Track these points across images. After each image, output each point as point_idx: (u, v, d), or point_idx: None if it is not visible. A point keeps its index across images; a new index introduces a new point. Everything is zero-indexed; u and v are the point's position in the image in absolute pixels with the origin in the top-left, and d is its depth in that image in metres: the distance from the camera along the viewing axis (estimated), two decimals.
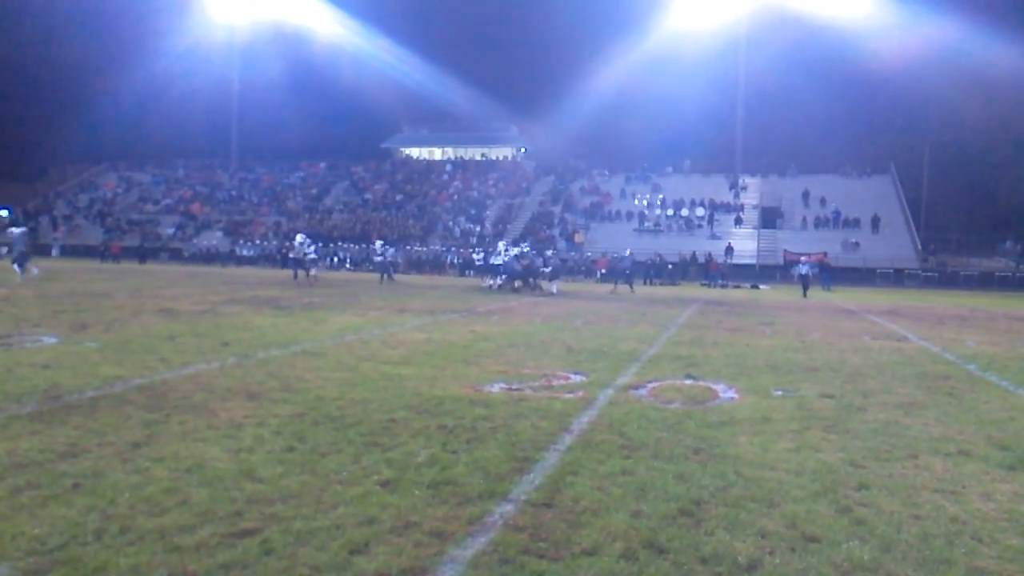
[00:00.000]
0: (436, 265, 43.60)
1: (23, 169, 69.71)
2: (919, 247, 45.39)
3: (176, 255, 50.21)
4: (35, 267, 24.11)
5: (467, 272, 32.17)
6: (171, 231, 54.71)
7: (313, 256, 28.98)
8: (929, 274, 42.28)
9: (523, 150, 67.27)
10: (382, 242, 34.52)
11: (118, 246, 47.06)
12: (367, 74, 66.57)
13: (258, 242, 50.61)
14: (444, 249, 45.85)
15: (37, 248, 46.22)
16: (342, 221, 53.31)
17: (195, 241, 52.75)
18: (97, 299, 16.87)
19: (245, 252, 49.19)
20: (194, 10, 60.33)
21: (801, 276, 30.85)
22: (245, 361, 8.85)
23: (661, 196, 52.80)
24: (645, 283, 34.64)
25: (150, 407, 6.32)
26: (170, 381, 7.49)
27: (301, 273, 27.99)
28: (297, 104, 68.00)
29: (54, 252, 48.18)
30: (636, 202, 52.83)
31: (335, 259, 45.45)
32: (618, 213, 51.33)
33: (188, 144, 68.55)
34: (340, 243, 48.22)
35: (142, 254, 45.49)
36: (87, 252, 48.01)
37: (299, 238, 29.49)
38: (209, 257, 49.08)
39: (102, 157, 68.95)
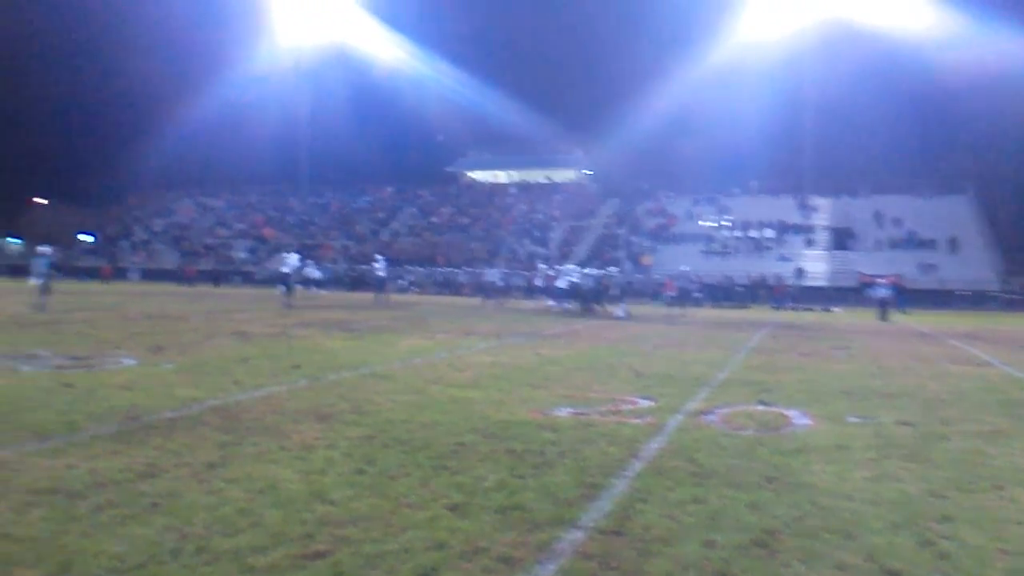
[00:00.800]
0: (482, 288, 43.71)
1: (103, 196, 72.54)
2: (999, 268, 43.83)
3: (248, 278, 51.42)
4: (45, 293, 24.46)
5: (533, 295, 32.21)
6: (244, 255, 56.11)
7: (383, 276, 29.70)
8: (1011, 296, 40.75)
9: (587, 172, 67.29)
10: (383, 258, 34.68)
11: (194, 269, 48.47)
12: (432, 99, 67.61)
13: (328, 265, 51.55)
14: (507, 272, 45.99)
15: (117, 271, 47.81)
16: (409, 244, 54.00)
17: (267, 264, 54.00)
18: (174, 322, 17.36)
19: (316, 275, 50.12)
20: (262, 38, 62.17)
21: (879, 299, 30.04)
22: (316, 383, 8.99)
23: (729, 217, 52.17)
24: (713, 306, 34.17)
25: (224, 428, 6.46)
26: (243, 403, 7.64)
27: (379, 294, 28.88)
28: (364, 129, 69.42)
29: (133, 276, 49.83)
30: (703, 223, 52.31)
31: (403, 282, 45.95)
32: (685, 235, 50.88)
33: (260, 170, 70.43)
34: (407, 266, 48.78)
35: (216, 277, 46.77)
36: (164, 276, 49.53)
37: (377, 260, 30.49)
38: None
39: (178, 184, 71.29)
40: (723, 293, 37.59)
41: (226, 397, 7.92)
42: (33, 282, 21.34)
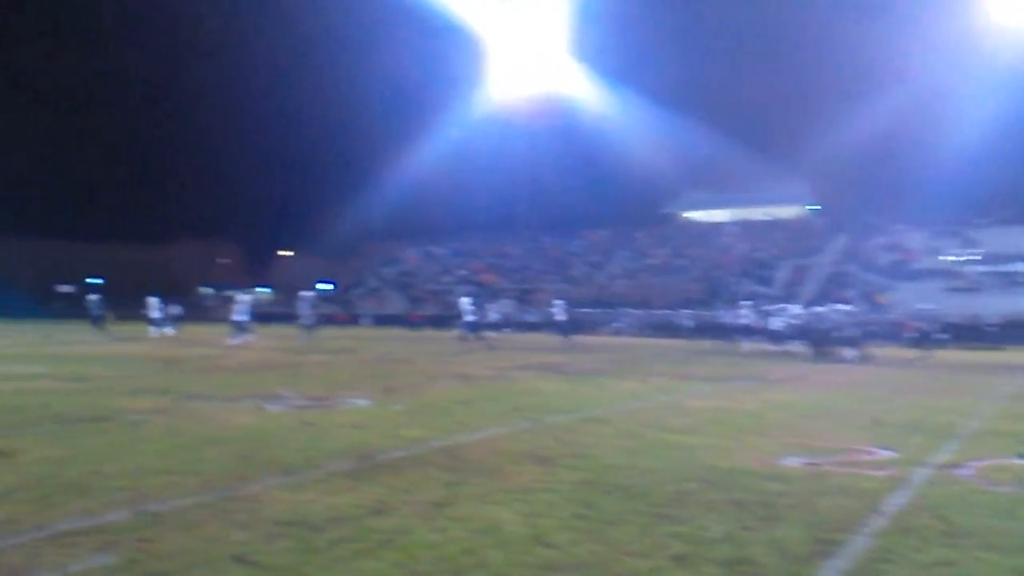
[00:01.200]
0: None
1: (340, 247, 78.45)
2: None
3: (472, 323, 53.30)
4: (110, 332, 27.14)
5: (752, 337, 30.92)
6: (509, 302, 58.41)
7: (563, 318, 29.91)
8: None
9: (812, 207, 64.33)
10: (562, 302, 34.44)
11: (420, 315, 51.03)
12: (645, 142, 67.56)
13: (546, 309, 52.49)
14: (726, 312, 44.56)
15: (351, 317, 51.20)
16: (624, 287, 53.90)
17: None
18: (402, 364, 18.28)
19: (532, 319, 51.20)
20: (477, 92, 65.15)
21: None
22: (534, 426, 9.07)
23: (976, 251, 47.78)
24: (960, 347, 31.26)
25: (449, 468, 6.64)
26: (466, 444, 7.84)
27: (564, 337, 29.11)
28: (578, 175, 70.59)
29: (366, 320, 53.24)
30: (945, 258, 48.23)
31: (618, 324, 45.83)
32: (924, 271, 47.14)
33: (480, 218, 73.40)
34: (622, 309, 48.65)
35: (441, 322, 48.91)
36: (393, 320, 52.51)
37: (556, 304, 30.80)
38: (498, 325, 51.64)
39: (406, 234, 75.77)
40: (971, 333, 34.33)
41: (450, 438, 8.17)
42: (301, 323, 23.91)
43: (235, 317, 24.62)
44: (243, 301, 25.57)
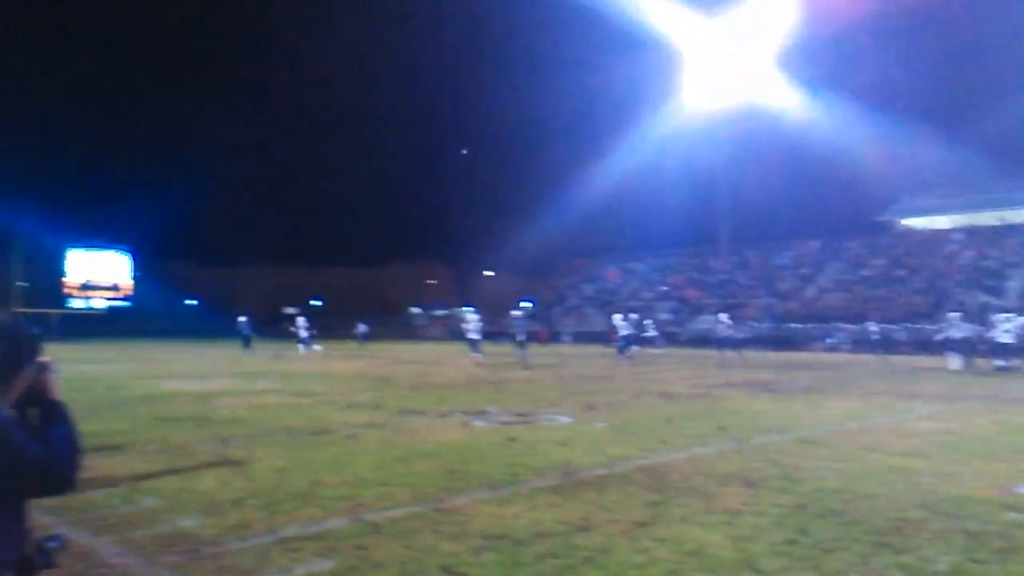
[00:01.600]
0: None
1: (540, 266, 79.92)
2: None
3: (672, 339, 52.57)
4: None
5: (970, 351, 27.98)
6: (667, 316, 57.59)
7: (729, 334, 28.95)
8: None
9: None
10: (727, 315, 32.80)
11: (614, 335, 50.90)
12: (856, 148, 63.88)
13: (752, 324, 50.78)
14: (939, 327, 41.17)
15: (553, 335, 51.89)
16: (837, 300, 51.12)
17: (689, 325, 54.76)
18: (602, 382, 18.29)
19: (738, 335, 49.67)
20: (674, 102, 64.11)
21: None
22: (741, 446, 8.77)
23: None
24: None
25: (652, 487, 6.55)
26: (669, 463, 7.71)
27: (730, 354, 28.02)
28: (784, 184, 67.93)
29: (566, 339, 53.78)
30: None
31: (831, 340, 43.52)
32: None
33: (680, 232, 72.29)
34: (835, 323, 46.15)
35: (644, 339, 48.60)
36: (594, 338, 52.67)
37: (721, 316, 29.96)
38: (703, 341, 50.52)
39: (603, 251, 75.92)
40: None
41: (653, 456, 8.06)
42: (515, 340, 24.98)
43: (470, 336, 25.94)
44: (473, 320, 26.80)
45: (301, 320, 34.40)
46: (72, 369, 20.82)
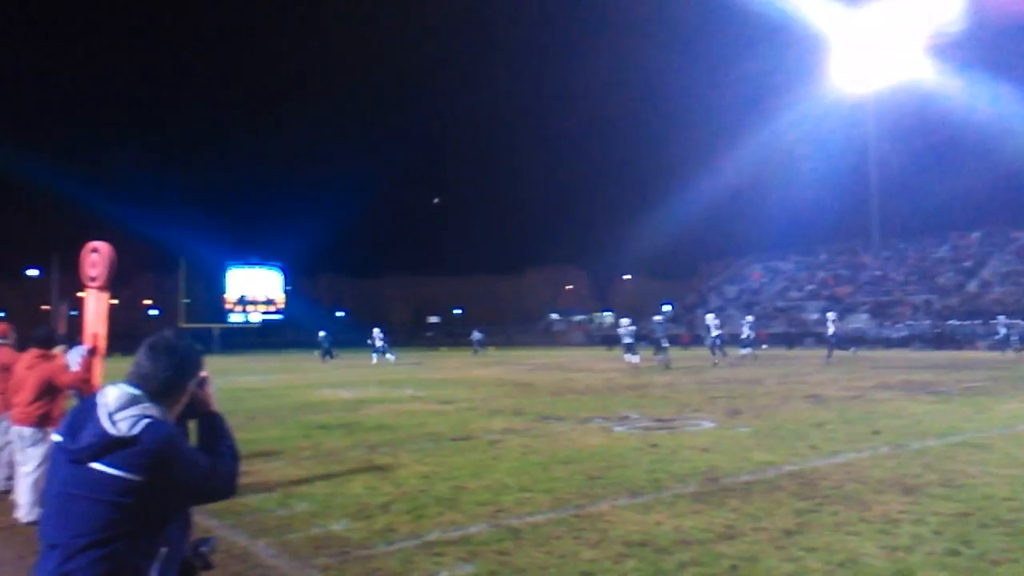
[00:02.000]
0: None
1: (680, 269, 78.57)
2: None
3: (821, 339, 50.47)
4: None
5: None
6: (815, 316, 55.36)
7: (834, 332, 28.75)
8: None
9: None
10: (834, 313, 31.12)
11: (765, 333, 49.25)
12: (1017, 131, 59.41)
13: (909, 323, 48.11)
14: None
15: (694, 338, 51.00)
16: (1003, 294, 47.71)
17: (841, 324, 52.43)
18: (748, 385, 17.75)
19: (893, 334, 47.15)
20: (817, 89, 61.26)
21: None
22: (898, 451, 8.31)
23: None
24: None
25: (801, 495, 6.30)
26: (820, 469, 7.39)
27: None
28: (938, 173, 64.00)
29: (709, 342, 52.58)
30: None
31: (1000, 336, 40.61)
32: None
33: (828, 228, 69.39)
34: (1003, 319, 43.09)
35: (789, 340, 46.89)
36: (736, 341, 51.26)
37: (829, 315, 28.91)
38: (855, 341, 48.25)
39: (747, 250, 73.84)
40: None
41: (802, 462, 7.76)
42: (657, 345, 25.01)
43: (625, 340, 26.01)
44: (626, 323, 26.88)
45: (377, 331, 35.53)
46: (232, 381, 22.10)
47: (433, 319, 74.81)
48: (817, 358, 29.65)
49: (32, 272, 73.28)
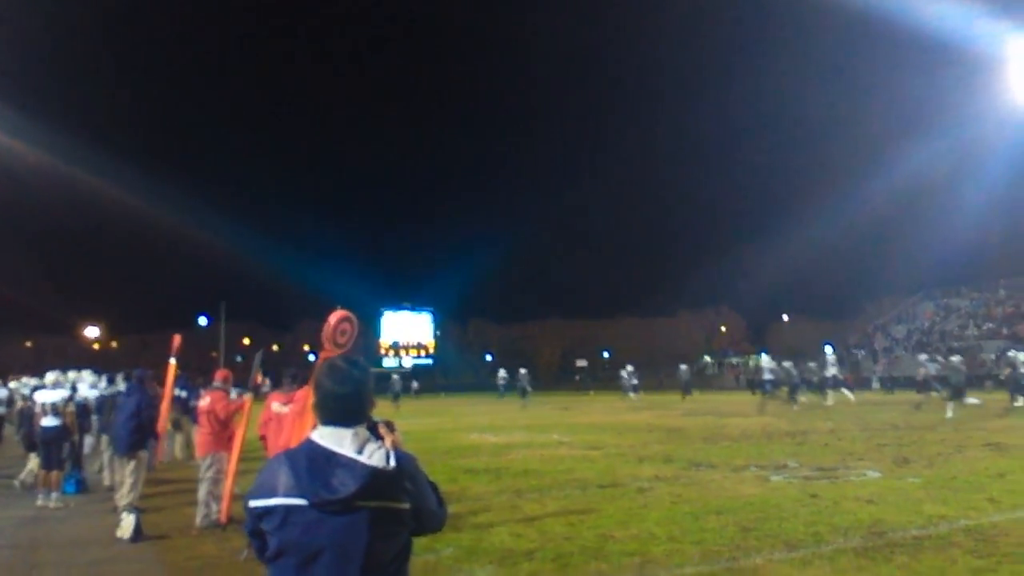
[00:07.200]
0: None
1: (841, 308, 74.84)
2: None
3: (1000, 382, 46.72)
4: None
5: None
6: (994, 355, 51.38)
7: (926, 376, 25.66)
8: None
9: None
10: (925, 356, 28.02)
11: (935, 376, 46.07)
12: None
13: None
14: None
15: (859, 380, 48.40)
16: None
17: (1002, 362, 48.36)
18: (919, 432, 16.60)
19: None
20: (987, 109, 57.40)
21: None
22: None
23: None
24: None
25: (978, 552, 5.78)
26: (999, 524, 6.77)
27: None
28: None
29: (874, 385, 49.72)
30: None
31: None
32: None
33: (1005, 259, 64.43)
34: None
35: (967, 383, 43.68)
36: (907, 384, 48.17)
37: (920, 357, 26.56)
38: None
39: (918, 286, 69.42)
40: None
41: (980, 517, 7.14)
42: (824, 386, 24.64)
43: (792, 382, 26.40)
44: (788, 367, 27.13)
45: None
46: None
47: (581, 363, 74.53)
48: (998, 403, 27.40)
49: (202, 321, 78.03)
